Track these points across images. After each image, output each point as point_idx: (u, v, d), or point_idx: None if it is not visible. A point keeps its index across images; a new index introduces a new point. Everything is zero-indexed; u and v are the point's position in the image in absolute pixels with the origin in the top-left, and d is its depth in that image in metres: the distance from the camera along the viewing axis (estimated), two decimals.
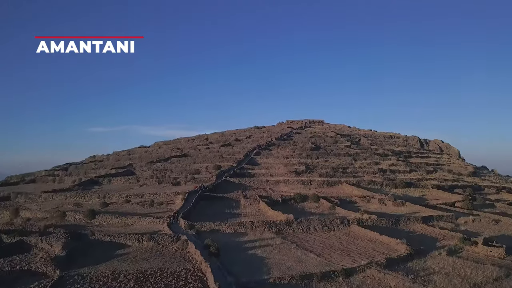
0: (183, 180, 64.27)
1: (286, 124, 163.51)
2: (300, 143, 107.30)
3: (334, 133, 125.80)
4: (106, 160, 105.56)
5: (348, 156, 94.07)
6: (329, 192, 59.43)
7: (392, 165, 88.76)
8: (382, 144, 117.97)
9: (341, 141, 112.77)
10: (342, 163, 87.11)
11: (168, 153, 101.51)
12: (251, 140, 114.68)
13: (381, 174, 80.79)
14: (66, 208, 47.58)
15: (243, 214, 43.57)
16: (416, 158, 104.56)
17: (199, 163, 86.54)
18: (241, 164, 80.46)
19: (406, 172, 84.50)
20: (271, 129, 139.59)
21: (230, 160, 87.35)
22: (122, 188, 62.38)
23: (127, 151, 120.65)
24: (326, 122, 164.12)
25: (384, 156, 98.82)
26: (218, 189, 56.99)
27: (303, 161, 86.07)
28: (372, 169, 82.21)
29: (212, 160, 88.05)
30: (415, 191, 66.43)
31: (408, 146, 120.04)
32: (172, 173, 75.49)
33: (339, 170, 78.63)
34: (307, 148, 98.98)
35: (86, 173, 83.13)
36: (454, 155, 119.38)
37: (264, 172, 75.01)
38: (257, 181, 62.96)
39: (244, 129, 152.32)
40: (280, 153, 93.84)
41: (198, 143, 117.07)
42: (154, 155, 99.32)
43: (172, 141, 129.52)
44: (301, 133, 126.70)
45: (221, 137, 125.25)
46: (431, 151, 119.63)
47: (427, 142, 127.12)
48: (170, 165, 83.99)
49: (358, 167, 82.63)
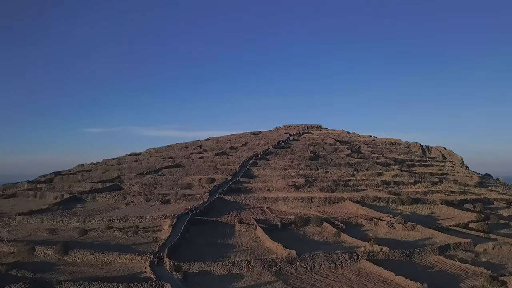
0: (173, 198, 59.22)
1: (283, 129, 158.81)
2: (299, 151, 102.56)
3: (333, 139, 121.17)
4: (94, 170, 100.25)
5: (349, 166, 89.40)
6: (332, 212, 54.65)
7: (396, 176, 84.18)
8: (383, 151, 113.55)
9: (341, 149, 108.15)
10: (343, 174, 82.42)
11: (159, 163, 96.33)
12: (247, 148, 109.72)
13: (384, 186, 76.21)
14: (39, 237, 42.42)
15: (238, 245, 38.62)
16: (419, 167, 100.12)
17: (192, 175, 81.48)
18: (236, 177, 75.51)
19: (410, 184, 79.98)
20: (267, 136, 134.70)
21: (225, 171, 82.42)
22: (106, 207, 57.21)
23: (117, 159, 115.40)
24: (324, 127, 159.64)
25: (387, 165, 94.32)
26: (211, 209, 52.03)
27: (302, 172, 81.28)
28: (375, 181, 77.56)
29: (206, 172, 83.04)
30: (423, 208, 61.80)
31: (410, 153, 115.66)
32: (162, 187, 70.40)
33: (341, 183, 73.90)
34: (305, 157, 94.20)
35: (71, 187, 77.79)
36: (457, 163, 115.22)
37: (261, 186, 70.12)
38: (254, 199, 58.11)
39: (240, 134, 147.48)
40: (278, 163, 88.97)
41: (192, 151, 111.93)
42: (145, 165, 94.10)
43: (164, 148, 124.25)
44: (299, 140, 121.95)
45: (215, 145, 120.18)
46: (433, 159, 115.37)
47: (429, 148, 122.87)
48: (161, 178, 78.82)
49: (360, 179, 77.95)
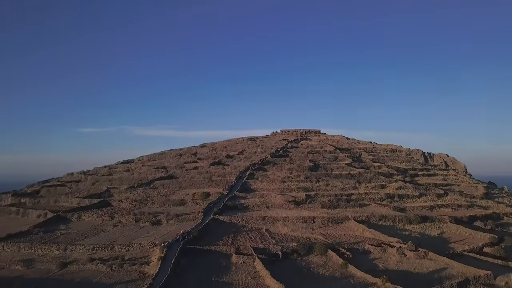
0: (164, 218, 54.88)
1: (281, 134, 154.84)
2: (297, 160, 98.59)
3: (333, 147, 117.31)
4: (83, 181, 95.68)
5: (350, 177, 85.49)
6: (337, 235, 50.55)
7: (400, 188, 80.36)
8: (384, 159, 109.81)
9: (341, 157, 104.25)
10: (345, 187, 78.50)
11: (151, 174, 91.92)
12: (243, 156, 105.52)
13: (388, 201, 72.46)
14: (12, 271, 37.97)
15: (235, 283, 34.40)
16: (422, 176, 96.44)
17: (186, 188, 77.24)
18: (232, 191, 71.31)
19: (415, 197, 76.24)
20: (265, 142, 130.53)
21: (220, 184, 78.25)
22: (92, 229, 52.73)
23: (107, 168, 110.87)
24: (323, 133, 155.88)
25: (389, 176, 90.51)
26: (205, 233, 47.74)
27: (302, 185, 77.23)
28: (379, 195, 73.64)
29: (200, 184, 78.81)
30: (432, 228, 57.81)
31: (412, 161, 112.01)
32: (153, 204, 66.02)
33: (343, 198, 69.88)
34: (305, 167, 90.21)
35: (57, 202, 73.24)
36: (460, 171, 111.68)
37: (259, 202, 65.91)
38: (251, 219, 53.88)
39: (236, 140, 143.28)
40: (276, 174, 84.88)
41: (186, 159, 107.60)
42: (136, 176, 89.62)
43: (158, 156, 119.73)
44: (298, 147, 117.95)
45: (211, 152, 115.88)
46: (436, 167, 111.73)
47: (431, 156, 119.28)
48: (152, 192, 74.47)
49: (363, 193, 73.95)
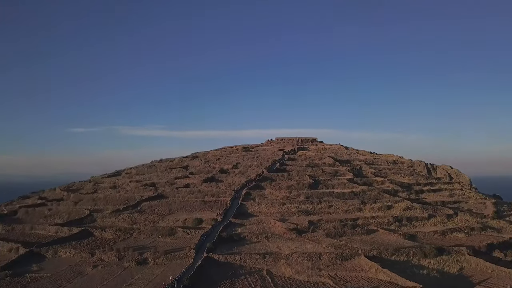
0: (151, 256, 48.37)
1: (276, 143, 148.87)
2: (296, 176, 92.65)
3: (332, 158, 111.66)
4: (65, 199, 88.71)
5: (353, 196, 79.77)
6: (347, 277, 44.59)
7: (407, 209, 74.79)
8: (386, 173, 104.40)
9: (341, 172, 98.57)
10: (349, 208, 72.71)
11: (139, 192, 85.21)
12: (238, 171, 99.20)
13: (397, 225, 66.85)
14: None
15: None
16: (428, 193, 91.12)
17: (176, 212, 70.87)
18: (228, 216, 65.01)
19: (424, 219, 70.77)
20: (260, 153, 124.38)
21: (214, 206, 71.99)
22: (67, 272, 46.05)
23: (93, 183, 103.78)
24: (320, 141, 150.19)
25: (394, 193, 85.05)
26: (197, 280, 41.38)
27: (302, 207, 71.22)
28: (387, 219, 67.98)
29: (192, 207, 72.45)
30: (450, 262, 52.10)
31: (415, 174, 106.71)
32: (140, 234, 59.39)
33: (348, 223, 64.04)
34: (304, 184, 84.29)
35: (33, 229, 66.23)
36: (465, 184, 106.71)
37: (257, 230, 59.73)
38: (250, 258, 47.59)
39: (230, 150, 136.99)
40: (274, 194, 78.78)
41: (177, 174, 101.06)
42: (122, 195, 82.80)
43: (147, 169, 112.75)
44: (295, 159, 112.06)
45: (203, 165, 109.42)
46: (440, 180, 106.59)
47: (434, 168, 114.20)
48: (139, 217, 67.86)
49: (369, 217, 68.21)
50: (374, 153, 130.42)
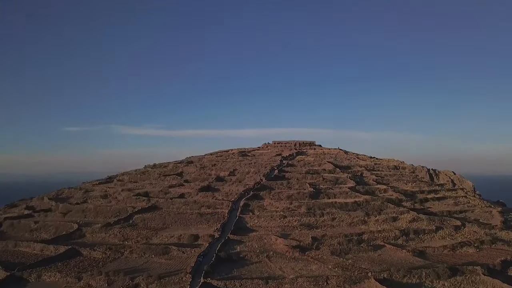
0: (143, 282, 44.31)
1: (273, 146, 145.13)
2: (296, 184, 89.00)
3: (332, 164, 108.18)
4: (53, 209, 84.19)
5: (356, 206, 76.28)
6: None
7: (413, 220, 71.40)
8: (388, 180, 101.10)
9: (342, 179, 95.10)
10: (353, 221, 69.16)
11: (131, 203, 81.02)
12: (235, 178, 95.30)
13: (404, 239, 63.34)
14: None
15: None
16: (432, 201, 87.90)
17: (170, 226, 66.86)
18: (225, 232, 61.07)
19: (432, 232, 67.39)
20: (257, 158, 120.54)
21: (211, 219, 68.08)
22: None
23: (83, 191, 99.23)
24: (318, 145, 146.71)
25: (398, 203, 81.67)
26: None
27: (304, 220, 67.52)
28: (393, 232, 64.45)
29: (188, 220, 68.42)
30: (464, 284, 48.51)
31: (417, 181, 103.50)
32: (132, 253, 55.17)
33: (354, 239, 60.41)
34: (305, 194, 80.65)
35: (17, 246, 61.63)
36: (469, 191, 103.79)
37: (258, 248, 55.86)
38: (252, 284, 43.64)
39: (226, 154, 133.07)
40: (274, 205, 74.98)
41: (171, 182, 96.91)
42: (114, 206, 78.49)
43: (139, 176, 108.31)
44: (294, 165, 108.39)
45: (198, 172, 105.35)
46: (443, 187, 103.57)
47: (436, 173, 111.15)
48: (131, 232, 63.65)
49: (375, 231, 64.69)
50: (374, 158, 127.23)
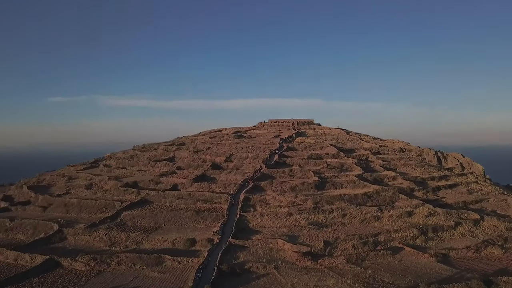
0: None
1: (270, 126, 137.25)
2: (299, 172, 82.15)
3: (335, 147, 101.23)
4: (33, 202, 76.36)
5: (367, 199, 69.94)
6: None
7: (430, 215, 65.43)
8: (396, 164, 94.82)
9: (348, 165, 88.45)
10: (365, 217, 62.81)
11: (119, 195, 73.52)
12: (232, 165, 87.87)
13: (423, 239, 57.28)
14: None
15: None
16: (445, 189, 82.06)
17: (163, 226, 59.72)
18: (226, 236, 54.09)
19: (451, 229, 61.55)
20: (255, 140, 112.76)
21: (208, 218, 61.05)
22: None
23: (66, 178, 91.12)
24: (317, 123, 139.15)
25: (410, 193, 75.62)
26: None
27: (313, 218, 60.87)
28: (411, 231, 58.29)
29: (182, 219, 61.28)
30: None
31: (425, 165, 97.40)
32: (119, 264, 48.04)
33: (370, 242, 54.13)
34: (310, 185, 73.88)
35: None
36: (479, 175, 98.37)
37: (264, 256, 49.14)
38: None
39: (219, 134, 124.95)
40: (278, 199, 68.03)
41: (163, 169, 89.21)
42: (100, 201, 70.76)
43: (128, 161, 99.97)
44: (295, 149, 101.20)
45: (192, 157, 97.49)
46: (452, 171, 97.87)
47: (444, 156, 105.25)
48: (119, 235, 56.31)
49: (391, 230, 58.47)
50: (378, 138, 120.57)
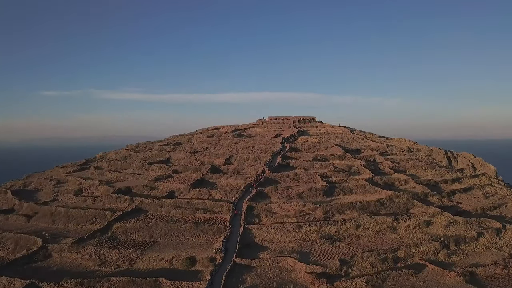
0: None
1: (270, 123, 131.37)
2: (305, 176, 76.70)
3: (340, 148, 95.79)
4: (17, 210, 70.34)
5: (380, 207, 64.64)
6: None
7: (449, 225, 60.33)
8: (405, 166, 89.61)
9: (356, 168, 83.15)
10: (381, 228, 57.50)
11: (111, 203, 67.64)
12: (233, 168, 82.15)
13: (445, 254, 52.17)
14: None
15: None
16: (460, 194, 76.99)
17: (159, 240, 54.00)
18: (229, 254, 48.47)
19: (473, 240, 56.51)
20: (255, 140, 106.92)
21: (209, 231, 55.38)
22: None
23: (54, 182, 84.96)
24: (319, 121, 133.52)
25: (424, 198, 70.50)
26: None
27: (324, 230, 55.38)
28: (432, 245, 53.03)
29: (180, 232, 55.58)
30: None
31: (436, 166, 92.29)
32: None
33: (388, 259, 48.87)
34: (318, 191, 68.46)
35: None
36: (492, 176, 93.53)
37: (274, 279, 43.69)
38: None
39: (217, 132, 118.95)
40: (284, 207, 62.45)
41: (158, 172, 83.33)
42: (89, 210, 64.76)
43: (120, 163, 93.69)
44: (298, 150, 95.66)
45: (188, 158, 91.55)
46: (463, 172, 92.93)
47: (454, 156, 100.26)
48: (110, 252, 50.49)
49: (411, 244, 53.21)
50: (384, 137, 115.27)
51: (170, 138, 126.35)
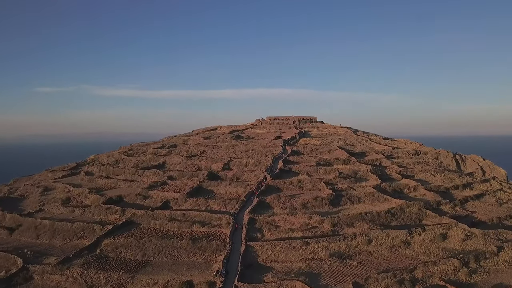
0: None
1: (269, 124, 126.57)
2: (309, 183, 72.17)
3: (344, 151, 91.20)
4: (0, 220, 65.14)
5: (391, 218, 60.14)
6: None
7: (466, 238, 55.93)
8: (413, 170, 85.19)
9: (362, 173, 78.73)
10: (394, 244, 52.95)
11: (100, 214, 62.67)
12: (232, 174, 77.30)
13: (466, 271, 47.72)
14: None
15: None
16: (473, 201, 72.68)
17: (152, 259, 49.12)
18: (230, 277, 43.68)
19: (493, 255, 52.12)
20: (254, 141, 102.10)
21: (207, 249, 50.63)
22: None
23: (42, 190, 79.80)
24: (319, 121, 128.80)
25: (437, 207, 66.13)
26: None
27: (333, 247, 50.68)
28: (451, 263, 48.54)
29: (176, 250, 50.70)
30: None
31: (445, 170, 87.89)
32: None
33: (406, 281, 44.35)
34: (324, 201, 63.86)
35: None
36: (502, 180, 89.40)
37: None
38: None
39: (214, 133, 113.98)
40: (288, 220, 57.69)
41: (153, 178, 78.33)
42: (77, 223, 59.73)
43: (113, 169, 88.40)
44: (300, 153, 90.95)
45: (184, 163, 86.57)
46: (473, 176, 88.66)
47: (463, 159, 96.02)
48: (98, 275, 45.60)
49: (429, 262, 48.69)
50: (389, 139, 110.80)
51: (165, 139, 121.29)
